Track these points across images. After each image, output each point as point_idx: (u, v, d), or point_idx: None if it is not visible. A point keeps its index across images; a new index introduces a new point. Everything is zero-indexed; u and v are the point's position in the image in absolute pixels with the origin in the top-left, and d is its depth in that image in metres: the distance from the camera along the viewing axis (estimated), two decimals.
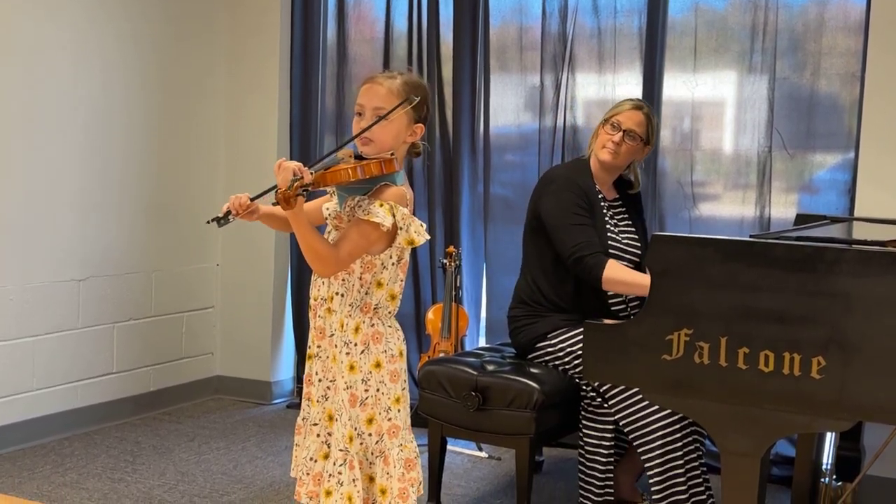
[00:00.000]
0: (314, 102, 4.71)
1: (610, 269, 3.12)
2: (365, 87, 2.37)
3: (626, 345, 2.37)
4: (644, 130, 3.30)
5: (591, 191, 3.29)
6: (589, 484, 3.19)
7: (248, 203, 2.33)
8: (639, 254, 3.34)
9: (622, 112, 3.30)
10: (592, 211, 3.25)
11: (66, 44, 4.06)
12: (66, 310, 4.11)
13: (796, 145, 3.83)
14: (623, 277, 3.13)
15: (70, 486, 3.53)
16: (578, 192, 3.24)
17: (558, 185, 3.27)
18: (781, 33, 3.81)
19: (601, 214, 3.28)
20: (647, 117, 3.31)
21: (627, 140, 3.27)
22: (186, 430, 4.27)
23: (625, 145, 3.27)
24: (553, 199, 3.25)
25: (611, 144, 3.28)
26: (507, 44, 4.34)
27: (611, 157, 3.28)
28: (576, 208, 3.21)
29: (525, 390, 3.10)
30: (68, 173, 4.11)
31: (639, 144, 3.30)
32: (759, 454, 2.29)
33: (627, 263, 3.27)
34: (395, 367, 2.38)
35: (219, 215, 2.30)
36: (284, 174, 2.18)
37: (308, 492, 2.42)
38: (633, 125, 3.28)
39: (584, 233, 3.18)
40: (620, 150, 3.27)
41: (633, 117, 3.29)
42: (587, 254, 3.14)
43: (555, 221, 3.23)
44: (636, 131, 3.28)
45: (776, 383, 2.21)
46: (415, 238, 2.32)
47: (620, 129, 3.27)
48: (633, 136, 3.28)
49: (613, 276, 3.12)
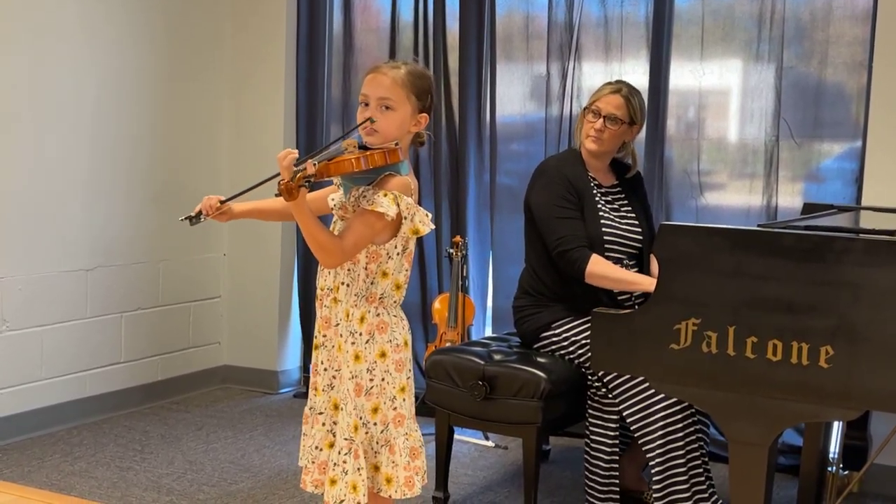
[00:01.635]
0: (320, 92, 4.71)
1: (594, 264, 3.12)
2: (369, 76, 2.37)
3: (634, 334, 2.38)
4: (625, 112, 3.28)
5: (582, 179, 3.28)
6: (594, 473, 3.20)
7: (219, 205, 2.46)
8: (640, 238, 3.33)
9: (601, 98, 3.30)
10: (582, 201, 3.24)
11: (73, 31, 4.06)
12: (74, 299, 4.12)
13: (803, 134, 3.82)
14: (607, 273, 3.14)
15: (79, 475, 3.55)
16: (565, 184, 3.23)
17: (547, 177, 3.28)
18: (788, 22, 3.80)
19: (593, 202, 3.27)
20: (627, 98, 3.29)
21: (609, 125, 3.27)
22: (194, 420, 4.28)
23: (607, 131, 3.27)
24: (541, 192, 3.26)
25: (593, 132, 3.28)
26: (514, 33, 4.32)
27: (595, 146, 3.29)
28: (561, 201, 3.21)
29: (532, 380, 3.10)
30: (76, 164, 4.11)
31: (623, 127, 3.29)
32: (767, 443, 2.29)
33: (629, 248, 3.27)
34: (401, 356, 2.38)
35: (191, 214, 2.43)
36: (287, 165, 2.19)
37: (313, 480, 2.43)
38: (613, 109, 3.27)
39: (568, 226, 3.18)
40: (604, 137, 3.27)
41: (611, 101, 3.28)
42: (570, 248, 3.15)
43: (542, 214, 3.24)
44: (616, 115, 3.27)
45: (784, 372, 2.22)
46: (419, 227, 2.32)
47: (601, 115, 3.27)
48: (615, 121, 3.27)
49: (597, 270, 3.12)
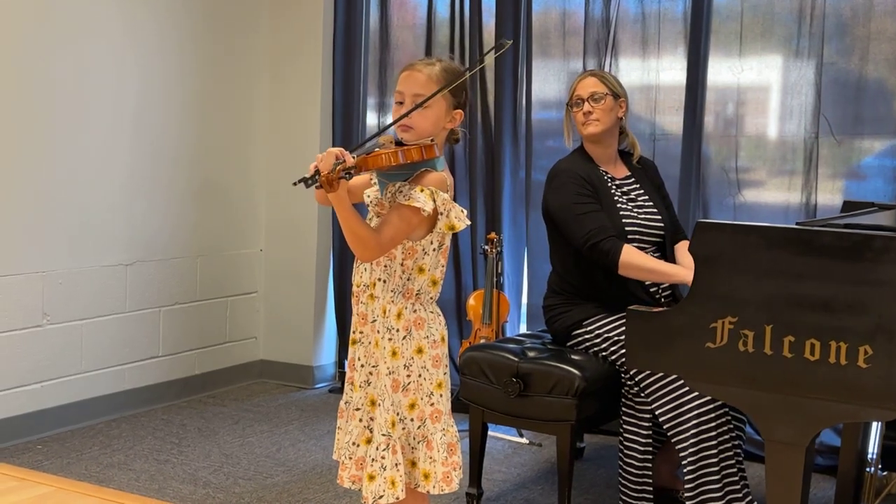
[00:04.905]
0: (356, 88, 4.72)
1: (627, 253, 3.11)
2: (404, 74, 2.38)
3: (670, 332, 2.36)
4: (604, 87, 3.30)
5: (595, 174, 3.28)
6: (627, 472, 3.18)
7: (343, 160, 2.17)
8: (661, 226, 3.31)
9: (576, 88, 3.35)
10: (598, 195, 3.24)
11: (114, 30, 4.11)
12: (113, 294, 4.18)
13: (843, 131, 3.77)
14: (641, 263, 3.12)
15: (117, 468, 3.59)
16: (579, 181, 3.23)
17: (559, 179, 3.28)
18: (829, 17, 3.75)
19: (609, 196, 3.26)
20: (599, 76, 3.34)
21: (594, 104, 3.28)
22: (231, 413, 4.32)
23: (596, 110, 3.28)
24: (556, 195, 3.26)
25: (583, 117, 3.30)
26: (550, 29, 4.31)
27: (593, 127, 3.29)
28: (579, 197, 3.21)
29: (566, 377, 3.09)
30: (116, 161, 4.16)
31: (609, 100, 3.30)
32: (805, 443, 2.26)
33: (651, 238, 3.25)
34: (437, 352, 2.38)
35: (305, 176, 2.19)
36: (327, 158, 2.21)
37: (351, 476, 2.44)
38: (592, 88, 3.30)
39: (593, 219, 3.17)
40: (595, 116, 3.29)
41: (586, 84, 3.32)
42: (601, 239, 3.13)
43: (562, 215, 3.23)
44: (597, 91, 3.29)
45: (822, 372, 2.19)
46: (455, 223, 2.33)
47: (583, 99, 3.29)
48: (598, 97, 3.29)
49: (631, 261, 3.11)
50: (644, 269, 3.13)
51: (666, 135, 4.06)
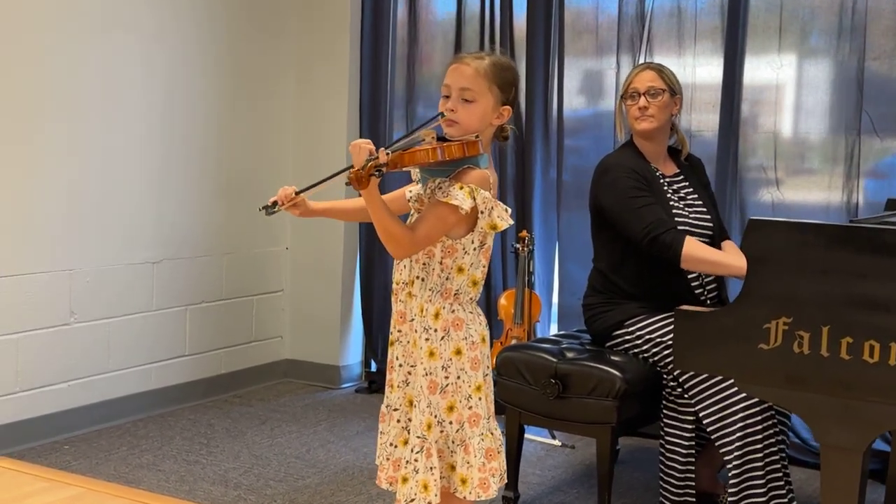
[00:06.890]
0: (384, 84, 4.66)
1: (690, 245, 3.02)
2: (452, 66, 2.32)
3: (720, 333, 2.29)
4: (663, 82, 3.21)
5: (647, 170, 3.20)
6: (669, 475, 3.11)
7: (293, 195, 2.37)
8: (710, 226, 3.24)
9: (633, 80, 3.25)
10: (652, 190, 3.16)
11: (143, 28, 4.07)
12: (140, 292, 4.14)
13: (885, 128, 3.68)
14: (705, 255, 3.04)
15: (146, 468, 3.55)
16: (632, 174, 3.15)
17: (612, 173, 3.19)
18: (871, 12, 3.66)
19: (662, 192, 3.19)
20: (658, 70, 3.24)
21: (651, 99, 3.19)
22: (258, 413, 4.27)
23: (652, 105, 3.19)
24: (609, 190, 3.17)
25: (638, 112, 3.20)
26: (582, 24, 4.24)
27: (647, 123, 3.20)
28: (635, 191, 3.12)
29: (607, 378, 3.02)
30: (144, 159, 4.13)
31: (665, 97, 3.21)
32: (861, 449, 2.20)
33: (700, 238, 3.18)
34: (476, 353, 2.32)
35: (267, 203, 2.39)
36: (360, 154, 2.16)
37: (388, 477, 2.39)
38: (649, 82, 3.21)
39: (651, 212, 3.09)
40: (651, 112, 3.20)
41: (644, 78, 3.22)
42: (661, 231, 3.05)
43: (619, 209, 3.14)
44: (655, 86, 3.20)
45: (881, 375, 2.12)
46: (497, 222, 2.27)
47: (639, 93, 3.20)
48: (655, 93, 3.20)
49: (695, 253, 3.02)
50: (707, 261, 3.05)
51: (702, 132, 3.99)
